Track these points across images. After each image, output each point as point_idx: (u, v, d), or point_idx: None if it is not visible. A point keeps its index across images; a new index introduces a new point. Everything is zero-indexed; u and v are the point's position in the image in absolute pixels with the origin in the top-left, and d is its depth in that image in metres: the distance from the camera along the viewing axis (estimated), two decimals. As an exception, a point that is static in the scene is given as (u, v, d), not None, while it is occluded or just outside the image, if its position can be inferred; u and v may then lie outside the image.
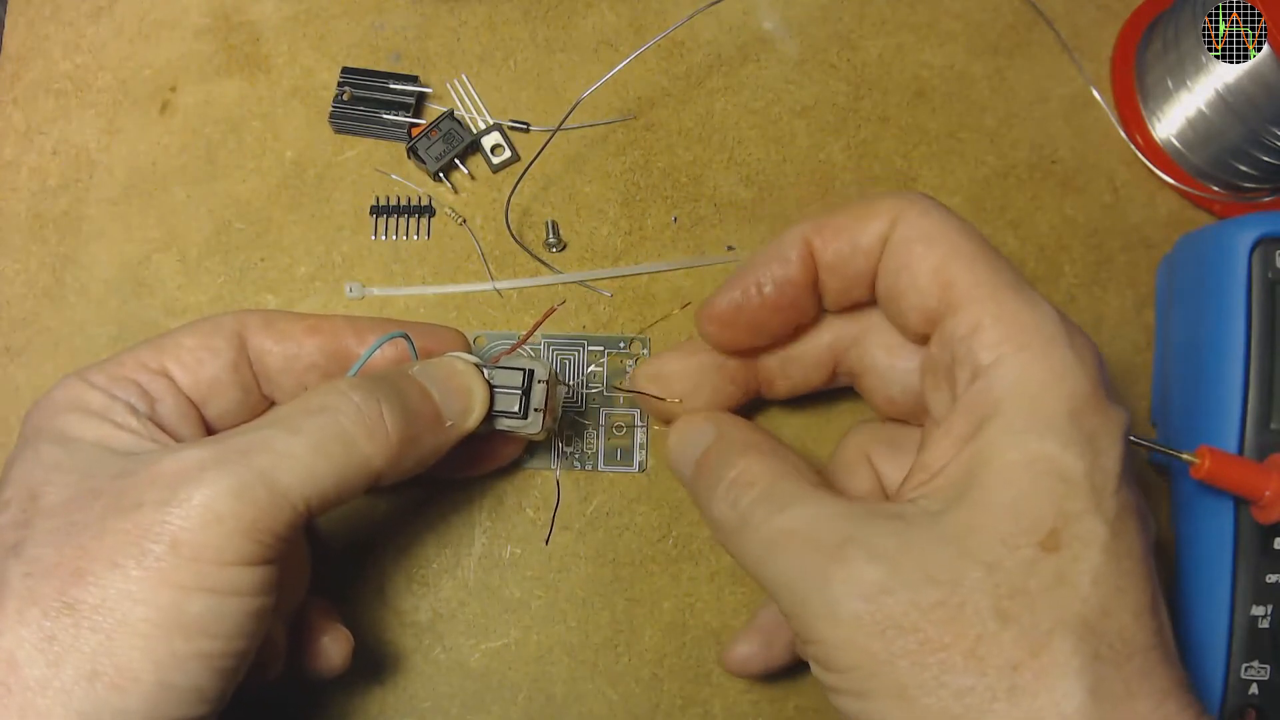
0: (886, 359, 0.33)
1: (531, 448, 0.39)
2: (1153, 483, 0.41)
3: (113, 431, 0.29)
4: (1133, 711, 0.24)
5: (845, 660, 0.26)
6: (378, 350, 0.33)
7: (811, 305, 0.33)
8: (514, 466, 0.39)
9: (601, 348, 0.41)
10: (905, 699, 0.25)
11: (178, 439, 0.30)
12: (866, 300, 0.33)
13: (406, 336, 0.33)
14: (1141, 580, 0.25)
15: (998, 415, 0.26)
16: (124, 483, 0.26)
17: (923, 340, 0.30)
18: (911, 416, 0.34)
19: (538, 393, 0.34)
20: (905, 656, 0.24)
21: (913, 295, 0.29)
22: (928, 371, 0.30)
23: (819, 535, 0.27)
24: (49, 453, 0.28)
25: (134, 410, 0.30)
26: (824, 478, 0.31)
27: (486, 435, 0.36)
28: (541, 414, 0.34)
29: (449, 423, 0.32)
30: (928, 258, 0.29)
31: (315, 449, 0.28)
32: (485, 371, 0.34)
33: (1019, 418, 0.26)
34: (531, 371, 0.34)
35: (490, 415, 0.34)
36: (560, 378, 0.39)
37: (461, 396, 0.32)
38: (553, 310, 0.35)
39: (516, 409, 0.34)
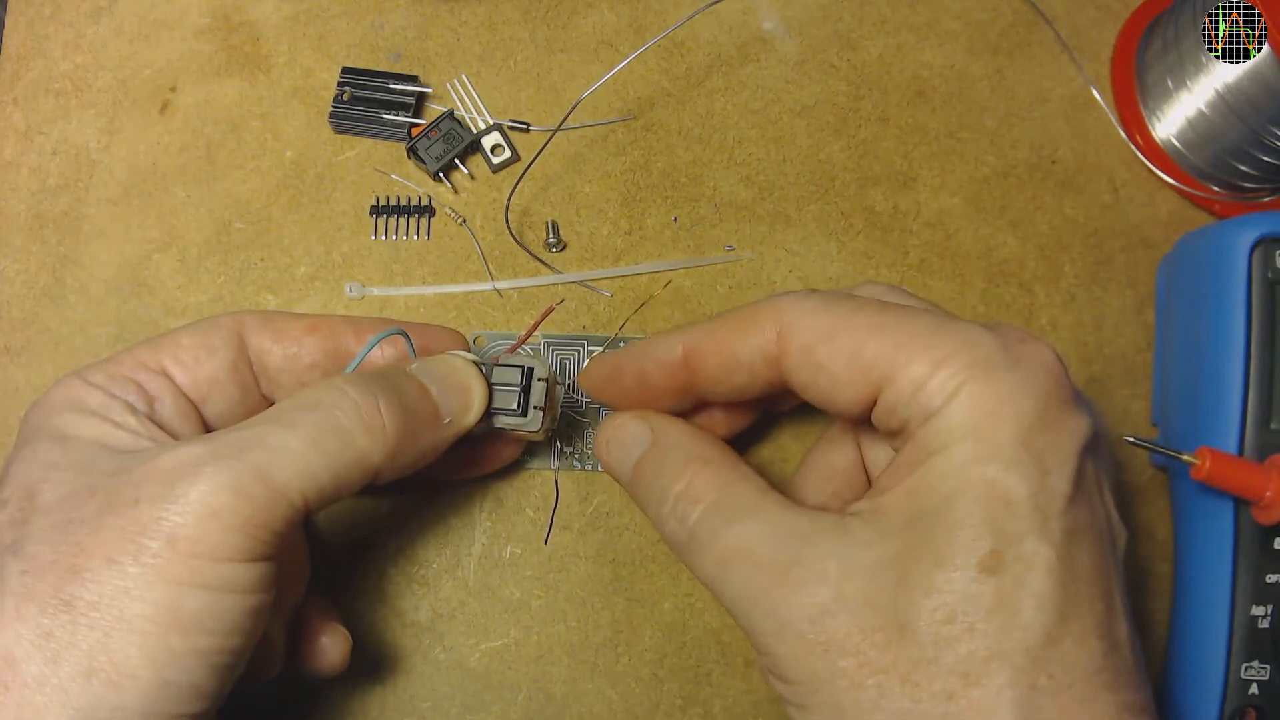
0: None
1: (531, 448, 0.39)
2: (1153, 483, 0.41)
3: (111, 430, 0.29)
4: None
5: (791, 674, 0.26)
6: (376, 349, 0.33)
7: (685, 403, 0.34)
8: (514, 467, 0.39)
9: (601, 348, 0.41)
10: (842, 717, 0.25)
11: (176, 437, 0.30)
12: (759, 399, 0.33)
13: (404, 334, 0.33)
14: (1093, 602, 0.25)
15: (944, 447, 0.26)
16: (121, 480, 0.26)
17: (868, 422, 0.30)
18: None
19: (537, 390, 0.34)
20: (844, 677, 0.25)
21: (841, 392, 0.29)
22: (884, 433, 0.30)
23: (767, 555, 0.27)
24: (47, 451, 0.28)
25: (132, 409, 0.30)
26: (766, 480, 0.31)
27: (486, 435, 0.36)
28: (541, 411, 0.34)
29: (447, 419, 0.32)
30: (837, 354, 0.28)
31: (312, 444, 0.28)
32: (484, 369, 0.34)
33: (964, 446, 0.26)
34: (530, 369, 0.34)
35: (489, 413, 0.34)
36: (559, 378, 0.39)
37: (460, 393, 0.32)
38: (551, 309, 0.35)
39: (515, 406, 0.34)
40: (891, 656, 0.25)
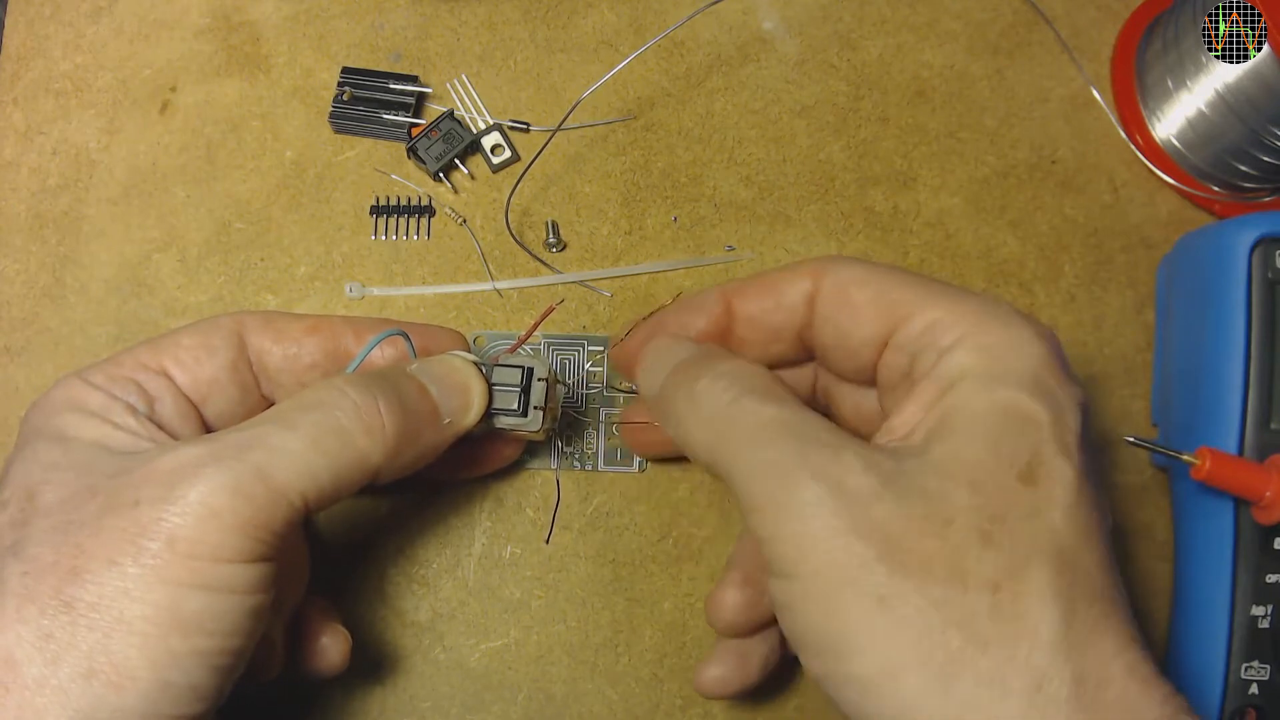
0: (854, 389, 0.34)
1: (531, 448, 0.39)
2: (1153, 483, 0.41)
3: (111, 431, 0.29)
4: (1101, 648, 0.24)
5: (819, 560, 0.25)
6: (376, 350, 0.33)
7: None
8: (514, 467, 0.39)
9: (601, 348, 0.41)
10: (884, 607, 0.24)
11: (177, 438, 0.30)
12: (786, 358, 0.34)
13: (404, 335, 0.33)
14: (1100, 537, 0.26)
15: (965, 376, 0.27)
16: (121, 481, 0.26)
17: (872, 378, 0.32)
18: None
19: (537, 390, 0.34)
20: (886, 562, 0.24)
21: (859, 329, 0.30)
22: (885, 386, 0.31)
23: (815, 434, 0.27)
24: (47, 452, 0.28)
25: (133, 410, 0.30)
26: None
27: (486, 435, 0.36)
28: (541, 411, 0.34)
29: (447, 420, 0.32)
30: (864, 292, 0.30)
31: (312, 444, 0.28)
32: (484, 369, 0.34)
33: (984, 375, 0.27)
34: (530, 369, 0.34)
35: (489, 413, 0.34)
36: (560, 377, 0.39)
37: (460, 393, 0.32)
38: (551, 309, 0.35)
39: (516, 407, 0.34)
40: (937, 547, 0.24)
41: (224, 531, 0.26)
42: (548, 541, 0.39)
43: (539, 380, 0.34)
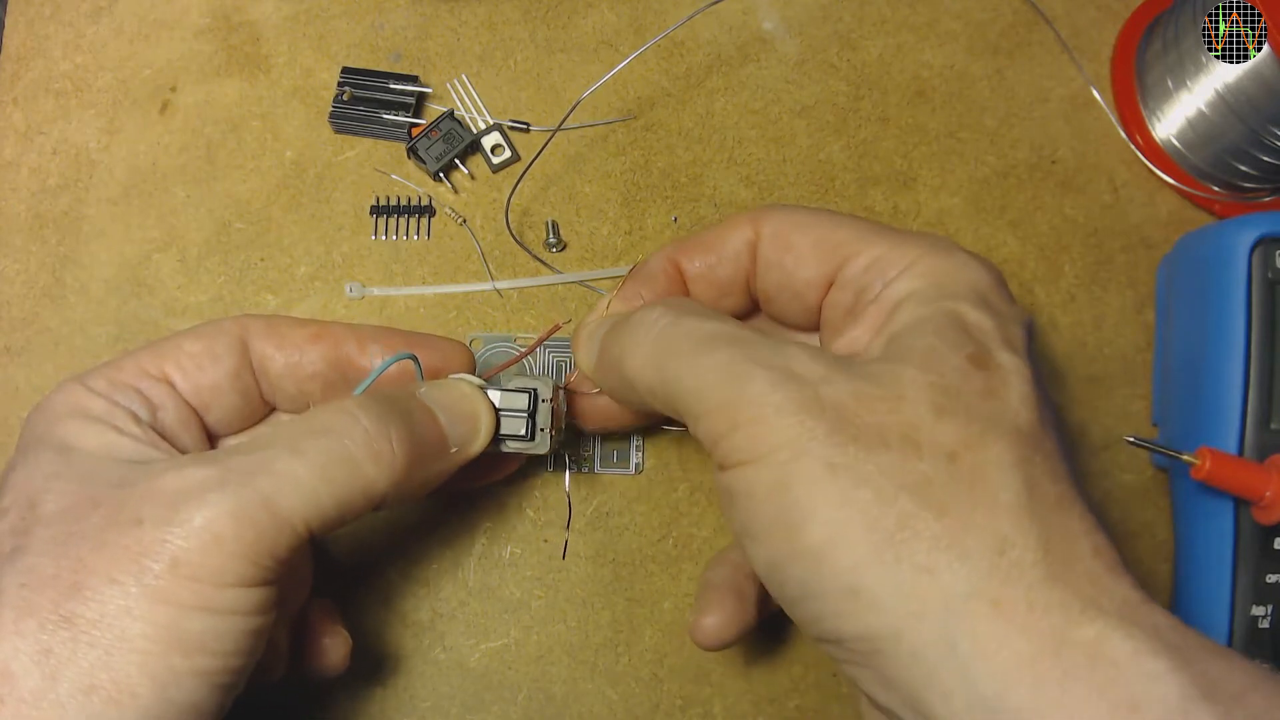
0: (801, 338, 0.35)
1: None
2: (1153, 483, 0.41)
3: (114, 439, 0.28)
4: (1066, 525, 0.24)
5: (772, 441, 0.25)
6: (376, 360, 0.33)
7: None
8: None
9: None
10: (833, 473, 0.24)
11: (178, 446, 0.30)
12: (736, 313, 0.34)
13: (414, 358, 0.33)
14: (1057, 435, 0.26)
15: (910, 294, 0.28)
16: (124, 494, 0.26)
17: (817, 323, 0.32)
18: None
19: (543, 412, 0.34)
20: (839, 434, 0.24)
21: (802, 270, 0.31)
22: (829, 325, 0.31)
23: (756, 339, 0.27)
24: (48, 460, 0.28)
25: (135, 417, 0.29)
26: None
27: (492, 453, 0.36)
28: (547, 432, 0.34)
29: (454, 448, 0.32)
30: (806, 237, 0.31)
31: (319, 472, 0.27)
32: (489, 391, 0.33)
33: (928, 293, 0.27)
34: (535, 392, 0.34)
35: (496, 439, 0.33)
36: (559, 382, 0.39)
37: (468, 421, 0.32)
38: (558, 327, 0.35)
39: (524, 432, 0.33)
40: (890, 419, 0.24)
41: (227, 557, 0.25)
42: (564, 557, 0.39)
43: (544, 402, 0.34)
